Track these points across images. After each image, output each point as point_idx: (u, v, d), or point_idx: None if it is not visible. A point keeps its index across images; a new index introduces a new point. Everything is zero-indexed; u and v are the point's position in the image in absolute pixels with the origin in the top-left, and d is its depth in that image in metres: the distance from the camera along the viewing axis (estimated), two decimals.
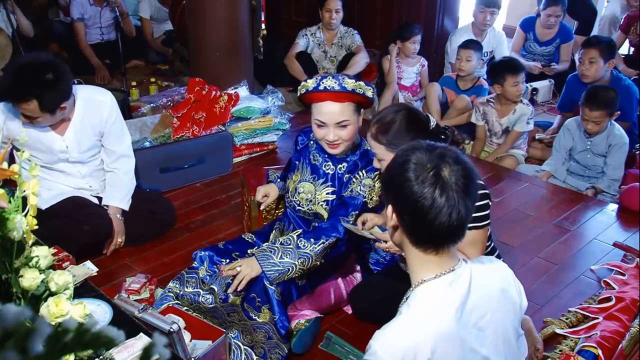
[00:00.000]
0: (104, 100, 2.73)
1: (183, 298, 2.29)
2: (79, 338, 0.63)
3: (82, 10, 5.18)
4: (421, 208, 1.27)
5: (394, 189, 1.33)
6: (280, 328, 2.12)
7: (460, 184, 1.27)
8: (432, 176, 1.27)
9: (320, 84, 2.18)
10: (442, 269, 1.33)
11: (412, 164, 1.29)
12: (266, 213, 2.78)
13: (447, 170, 1.27)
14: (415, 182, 1.27)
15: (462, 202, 1.27)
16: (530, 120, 3.90)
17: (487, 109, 4.00)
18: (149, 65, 5.60)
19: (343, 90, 2.16)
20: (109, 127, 2.74)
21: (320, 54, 5.02)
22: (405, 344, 1.25)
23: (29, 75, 2.39)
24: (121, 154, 2.83)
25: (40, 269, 1.37)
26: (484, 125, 4.02)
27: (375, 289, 2.34)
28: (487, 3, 4.67)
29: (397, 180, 1.31)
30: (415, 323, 1.28)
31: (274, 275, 2.14)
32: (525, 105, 3.88)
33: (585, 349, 2.20)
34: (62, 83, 2.46)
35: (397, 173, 1.32)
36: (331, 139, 2.23)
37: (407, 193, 1.28)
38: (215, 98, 3.82)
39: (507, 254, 2.77)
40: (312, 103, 2.24)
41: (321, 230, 2.21)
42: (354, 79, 2.23)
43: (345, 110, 2.19)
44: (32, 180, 1.36)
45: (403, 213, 1.32)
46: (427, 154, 1.30)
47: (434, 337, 1.26)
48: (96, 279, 1.88)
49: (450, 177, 1.27)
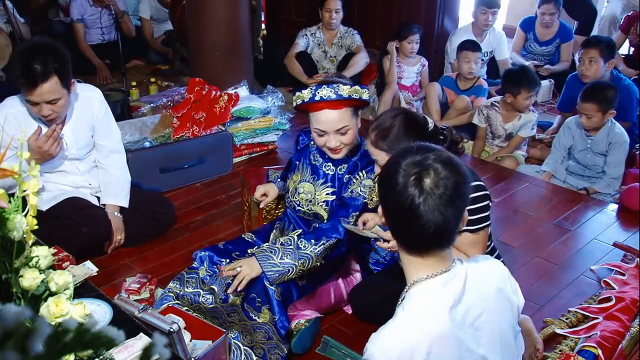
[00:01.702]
0: (94, 96, 2.77)
1: (183, 298, 2.29)
2: (79, 338, 0.63)
3: (81, 11, 5.19)
4: (402, 212, 1.28)
5: (381, 190, 1.36)
6: (280, 328, 2.12)
7: (443, 191, 1.25)
8: (413, 181, 1.26)
9: (315, 94, 2.16)
10: (434, 270, 1.33)
11: (400, 168, 1.29)
12: (266, 213, 2.78)
13: (430, 177, 1.26)
14: (399, 186, 1.28)
15: (445, 209, 1.25)
16: (534, 125, 3.90)
17: (491, 112, 3.98)
18: (149, 65, 5.60)
19: (339, 98, 2.16)
20: (99, 121, 2.76)
21: (320, 54, 5.02)
22: (400, 345, 1.25)
23: (41, 54, 2.40)
24: (111, 149, 2.84)
25: (40, 269, 1.37)
26: (487, 128, 4.02)
27: (375, 289, 2.34)
28: (489, 4, 4.65)
29: (384, 183, 1.34)
30: (410, 324, 1.29)
31: (274, 275, 2.14)
32: (531, 112, 3.88)
33: (585, 349, 2.20)
34: (67, 55, 2.50)
35: (385, 175, 1.34)
36: (333, 145, 2.23)
37: (390, 196, 1.31)
38: (215, 98, 3.82)
39: (507, 254, 2.77)
40: (309, 112, 2.24)
41: (322, 231, 2.21)
42: (349, 84, 2.22)
43: (343, 116, 2.19)
44: (32, 180, 1.36)
45: (388, 215, 1.36)
46: (416, 158, 1.29)
47: (429, 337, 1.26)
48: (96, 279, 1.88)
49: (432, 184, 1.25)
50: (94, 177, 2.85)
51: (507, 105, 3.90)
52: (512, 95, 3.82)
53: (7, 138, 2.45)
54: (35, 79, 2.38)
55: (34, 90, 2.40)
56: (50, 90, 2.42)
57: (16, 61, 2.42)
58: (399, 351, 1.25)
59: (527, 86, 3.76)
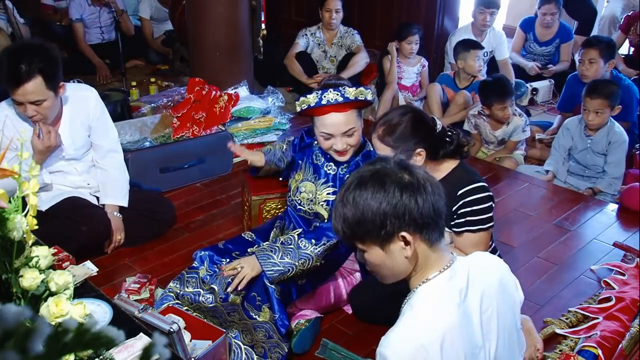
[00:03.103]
0: (89, 95, 2.75)
1: (183, 298, 2.30)
2: (79, 338, 0.63)
3: (80, 11, 5.18)
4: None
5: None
6: (280, 327, 2.12)
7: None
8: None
9: (322, 98, 2.16)
10: (441, 265, 1.35)
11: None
12: (266, 213, 2.78)
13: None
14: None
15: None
16: (526, 127, 3.88)
17: (479, 121, 3.96)
18: (149, 65, 5.60)
19: (346, 100, 2.16)
20: (95, 121, 2.76)
21: (320, 54, 5.02)
22: (414, 343, 1.25)
23: (27, 53, 2.39)
24: (109, 148, 2.84)
25: (40, 269, 1.37)
26: (477, 133, 4.02)
27: (375, 289, 2.34)
28: (487, 4, 4.66)
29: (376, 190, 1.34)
30: (421, 322, 1.29)
31: (273, 275, 2.14)
32: (518, 117, 3.85)
33: (585, 349, 2.20)
34: (57, 57, 2.48)
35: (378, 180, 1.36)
36: (340, 148, 2.23)
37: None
38: (215, 98, 3.83)
39: (507, 254, 2.77)
40: (313, 116, 2.24)
41: (322, 230, 2.21)
42: (354, 86, 2.23)
43: (350, 118, 2.20)
44: (32, 180, 1.36)
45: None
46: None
47: (441, 333, 1.26)
48: (96, 279, 1.88)
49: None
50: (92, 177, 2.85)
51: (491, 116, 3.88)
52: (486, 107, 3.81)
53: (6, 140, 2.45)
54: (19, 78, 2.37)
55: (17, 90, 2.40)
56: (34, 91, 2.41)
57: (3, 60, 2.41)
58: (414, 349, 1.24)
59: (499, 98, 3.72)
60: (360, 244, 1.37)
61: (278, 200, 2.75)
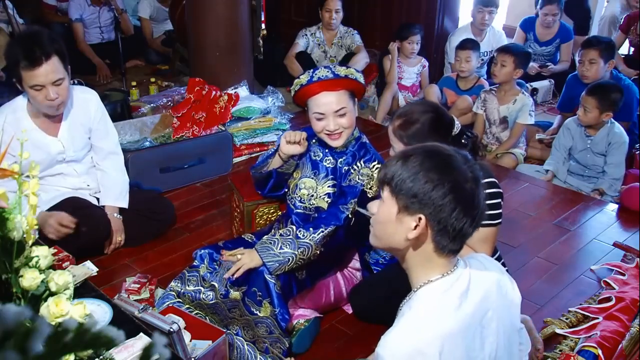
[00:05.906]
0: (90, 97, 2.76)
1: (184, 296, 2.32)
2: (79, 338, 0.63)
3: (80, 11, 5.18)
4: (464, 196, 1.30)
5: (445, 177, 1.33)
6: (280, 321, 2.14)
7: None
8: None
9: (313, 75, 2.23)
10: (446, 269, 1.35)
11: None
12: (259, 218, 2.77)
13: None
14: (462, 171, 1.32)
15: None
16: (532, 112, 3.93)
17: (488, 96, 4.07)
18: (149, 65, 5.60)
19: (336, 77, 2.22)
20: (96, 124, 2.77)
21: (320, 54, 5.02)
22: (411, 347, 1.25)
23: (37, 37, 2.43)
24: (109, 150, 2.84)
25: (40, 269, 1.37)
26: (483, 114, 4.06)
27: (375, 289, 2.35)
28: (485, 3, 4.67)
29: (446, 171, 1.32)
30: (420, 324, 1.28)
31: (274, 265, 2.15)
32: (525, 96, 3.94)
33: (585, 349, 2.20)
34: (63, 42, 2.55)
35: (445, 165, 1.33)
36: (332, 128, 2.24)
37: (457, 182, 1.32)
38: (215, 98, 3.82)
39: (507, 254, 2.77)
40: (307, 99, 2.27)
41: (320, 219, 2.24)
42: (345, 66, 2.30)
43: (341, 98, 2.23)
44: (32, 180, 1.36)
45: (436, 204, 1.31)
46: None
47: (440, 336, 1.26)
48: (96, 279, 1.88)
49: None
50: (92, 178, 2.85)
51: (501, 87, 3.98)
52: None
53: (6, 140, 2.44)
54: (39, 59, 2.39)
55: (39, 70, 2.40)
56: (54, 70, 2.43)
57: (15, 47, 2.43)
58: (411, 350, 1.24)
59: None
60: (388, 191, 1.35)
61: (271, 205, 2.74)
